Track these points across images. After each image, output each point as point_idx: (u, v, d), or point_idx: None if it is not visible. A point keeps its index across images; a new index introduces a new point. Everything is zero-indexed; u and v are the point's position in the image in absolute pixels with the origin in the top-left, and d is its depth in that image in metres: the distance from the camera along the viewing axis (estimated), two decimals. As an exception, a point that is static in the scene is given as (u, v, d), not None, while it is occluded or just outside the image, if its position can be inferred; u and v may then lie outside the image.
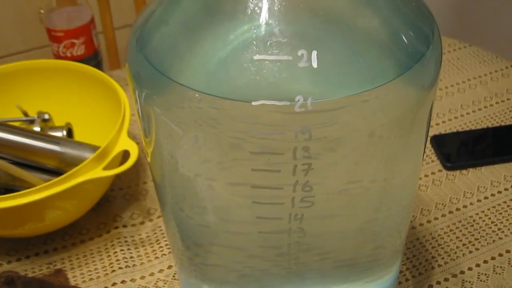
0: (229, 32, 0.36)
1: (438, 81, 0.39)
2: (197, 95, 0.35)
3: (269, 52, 0.33)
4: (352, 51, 0.36)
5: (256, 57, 0.34)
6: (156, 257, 0.65)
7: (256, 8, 0.34)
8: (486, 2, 1.56)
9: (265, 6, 0.34)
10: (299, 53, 0.33)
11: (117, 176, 0.73)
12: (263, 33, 0.34)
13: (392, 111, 0.36)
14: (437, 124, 0.81)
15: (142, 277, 0.63)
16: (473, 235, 0.66)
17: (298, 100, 0.33)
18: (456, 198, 0.70)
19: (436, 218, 0.68)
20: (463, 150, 0.77)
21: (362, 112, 0.35)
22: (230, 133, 0.35)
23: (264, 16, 0.34)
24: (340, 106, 0.34)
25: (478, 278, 0.61)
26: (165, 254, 0.65)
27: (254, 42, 0.34)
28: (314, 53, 0.33)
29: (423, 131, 0.42)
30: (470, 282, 0.61)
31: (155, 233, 0.68)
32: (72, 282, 0.63)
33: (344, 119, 0.34)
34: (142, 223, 0.69)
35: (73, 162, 0.65)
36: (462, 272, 0.62)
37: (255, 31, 0.34)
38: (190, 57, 0.37)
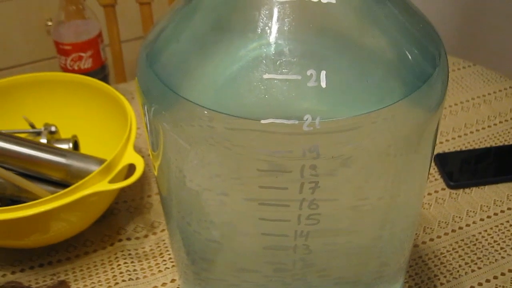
0: (239, 50, 0.36)
1: (444, 102, 0.40)
2: (206, 112, 0.35)
3: (279, 71, 0.34)
4: (360, 71, 0.36)
5: (266, 76, 0.34)
6: (160, 271, 0.65)
7: (266, 28, 0.35)
8: (490, 22, 1.57)
9: (275, 25, 0.35)
10: (308, 72, 0.34)
11: (122, 189, 0.74)
12: (273, 52, 0.35)
13: (399, 131, 0.36)
14: (441, 142, 0.81)
15: (145, 291, 0.63)
16: (475, 254, 0.66)
17: (307, 119, 0.33)
18: (459, 217, 0.71)
19: (439, 237, 0.68)
20: (466, 168, 0.77)
21: (369, 132, 0.35)
22: (238, 151, 0.35)
23: (274, 35, 0.35)
24: (347, 125, 0.34)
25: (480, 297, 0.62)
26: (168, 268, 0.65)
27: (264, 61, 0.34)
28: (323, 73, 0.34)
29: (428, 151, 0.42)
30: (472, 301, 0.61)
31: (159, 246, 0.68)
32: (76, 294, 0.63)
33: (352, 139, 0.35)
34: (146, 236, 0.69)
35: (79, 175, 0.66)
36: (464, 291, 0.62)
37: (265, 50, 0.35)
38: (200, 74, 0.37)
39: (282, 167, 0.35)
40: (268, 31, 0.35)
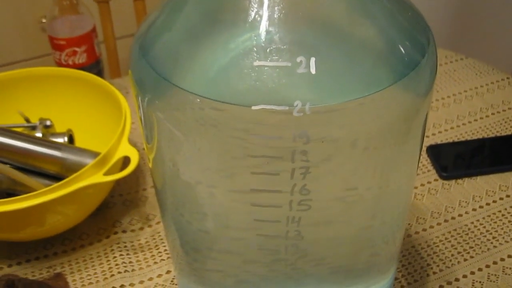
0: (230, 39, 0.37)
1: (433, 90, 0.40)
2: (198, 99, 0.35)
3: (269, 59, 0.34)
4: (349, 59, 0.37)
5: (256, 63, 0.34)
6: (155, 262, 0.66)
7: (256, 16, 0.35)
8: (482, 15, 1.58)
9: (265, 14, 0.35)
10: (298, 59, 0.34)
11: (117, 183, 0.74)
12: (263, 40, 0.35)
13: (388, 117, 0.37)
14: (434, 134, 0.82)
15: (141, 282, 0.63)
16: (468, 243, 0.67)
17: (297, 105, 0.34)
18: (452, 207, 0.71)
19: (431, 227, 0.69)
20: (459, 160, 0.78)
21: (358, 118, 0.36)
22: (230, 137, 0.36)
23: (264, 24, 0.35)
24: (337, 111, 0.35)
25: (473, 285, 0.62)
26: (163, 260, 0.66)
27: (254, 49, 0.35)
28: (313, 60, 0.34)
29: (418, 140, 0.42)
30: (464, 289, 0.62)
31: (154, 238, 0.68)
32: (72, 286, 0.63)
33: (341, 125, 0.35)
34: (141, 228, 0.70)
35: (74, 168, 0.66)
36: (457, 280, 0.63)
37: (255, 38, 0.35)
38: (192, 63, 0.37)
39: (273, 153, 0.35)
40: (259, 19, 0.35)
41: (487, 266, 0.64)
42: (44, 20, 0.86)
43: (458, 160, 0.78)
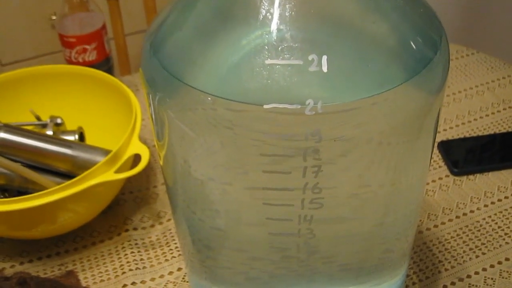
0: (242, 37, 0.36)
1: (445, 87, 0.40)
2: (209, 98, 0.35)
3: (281, 57, 0.34)
4: (361, 56, 0.37)
5: (268, 61, 0.34)
6: (166, 260, 0.66)
7: (268, 14, 0.35)
8: (493, 9, 1.57)
9: (276, 12, 0.35)
10: (310, 57, 0.34)
11: (128, 180, 0.74)
12: (275, 38, 0.35)
13: (400, 115, 0.37)
14: (445, 130, 0.82)
15: (152, 279, 0.64)
16: (479, 239, 0.67)
17: (309, 104, 0.33)
18: (463, 203, 0.71)
19: (443, 223, 0.69)
20: (470, 155, 0.77)
21: (371, 116, 0.35)
22: (242, 135, 0.36)
23: (275, 22, 0.35)
24: (349, 109, 0.34)
25: (485, 282, 0.62)
26: (174, 257, 0.66)
27: (266, 47, 0.35)
28: (324, 58, 0.34)
29: (430, 137, 0.42)
30: (476, 286, 0.62)
31: (165, 235, 0.68)
32: (83, 283, 0.63)
33: (353, 123, 0.35)
34: (152, 226, 0.70)
35: (85, 166, 0.66)
36: (468, 276, 0.63)
37: (267, 36, 0.35)
38: (203, 62, 0.37)
39: (285, 152, 0.35)
40: (270, 17, 0.35)
41: (499, 263, 0.64)
42: (54, 17, 0.86)
43: (469, 155, 0.77)
